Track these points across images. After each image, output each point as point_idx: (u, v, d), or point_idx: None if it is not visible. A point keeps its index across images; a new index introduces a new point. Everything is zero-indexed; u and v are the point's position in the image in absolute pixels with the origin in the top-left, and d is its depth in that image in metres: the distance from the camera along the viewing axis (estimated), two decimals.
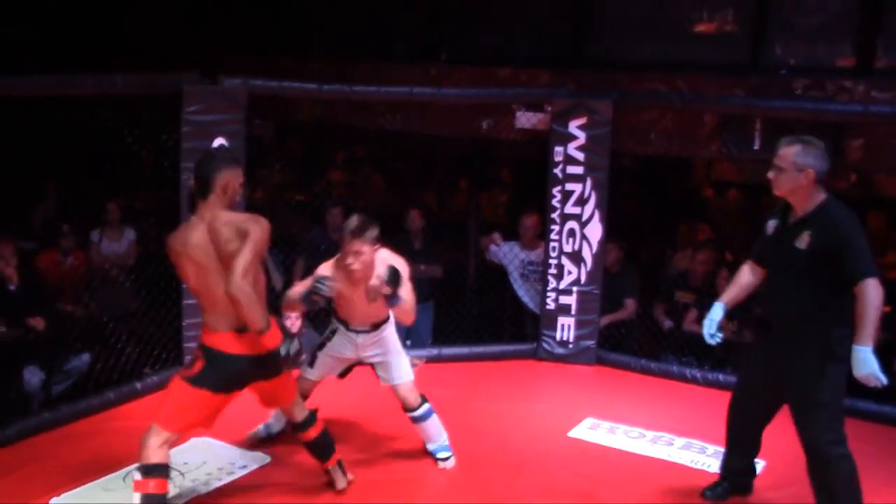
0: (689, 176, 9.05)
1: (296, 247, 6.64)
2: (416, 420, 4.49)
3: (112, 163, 6.30)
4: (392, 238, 6.75)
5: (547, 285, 6.22)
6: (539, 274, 6.38)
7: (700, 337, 6.06)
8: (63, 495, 4.08)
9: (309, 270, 6.58)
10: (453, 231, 7.27)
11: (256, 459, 4.52)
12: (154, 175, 5.85)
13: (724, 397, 5.53)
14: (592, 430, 5.04)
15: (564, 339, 6.19)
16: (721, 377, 5.73)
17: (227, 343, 3.65)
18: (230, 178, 3.66)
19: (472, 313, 6.72)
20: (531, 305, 6.51)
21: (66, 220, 6.75)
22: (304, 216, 7.21)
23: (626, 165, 7.14)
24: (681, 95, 6.60)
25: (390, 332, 4.47)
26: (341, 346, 4.47)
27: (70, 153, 7.41)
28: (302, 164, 8.70)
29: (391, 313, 4.41)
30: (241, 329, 3.62)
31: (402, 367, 4.46)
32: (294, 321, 5.85)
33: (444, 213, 8.20)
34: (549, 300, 6.21)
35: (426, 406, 4.47)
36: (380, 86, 6.38)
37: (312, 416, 4.08)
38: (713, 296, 6.17)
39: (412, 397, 4.45)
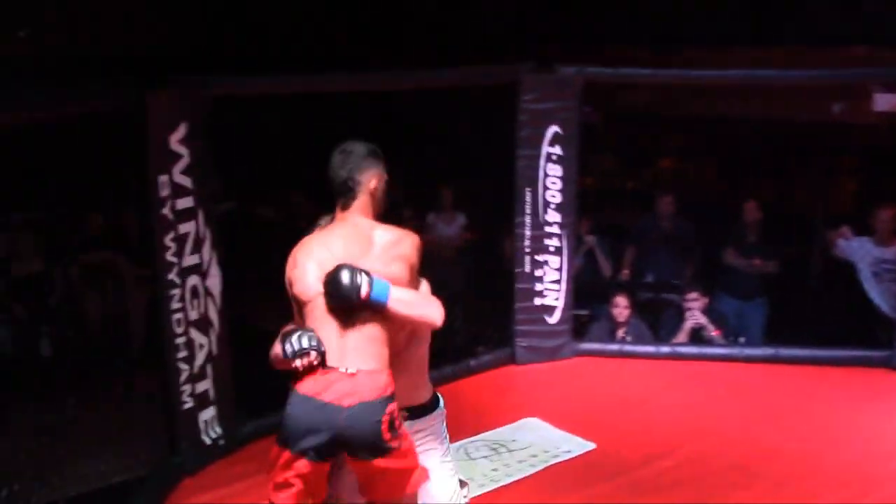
0: None
1: (625, 235, 6.58)
2: None
3: (448, 150, 6.66)
4: (724, 230, 6.51)
5: None
6: (895, 273, 5.75)
7: None
8: None
9: (639, 259, 6.56)
10: (794, 224, 6.78)
11: (581, 446, 4.56)
12: (487, 163, 6.08)
13: None
14: None
15: None
16: None
17: (303, 379, 2.67)
18: (379, 176, 2.83)
19: (815, 313, 6.22)
20: (885, 307, 5.89)
21: (408, 203, 7.25)
22: (634, 204, 7.11)
23: None
24: None
25: (439, 425, 3.01)
26: None
27: (414, 140, 7.94)
28: (632, 151, 8.60)
29: (439, 403, 3.07)
30: (326, 365, 2.64)
31: (443, 485, 2.95)
32: (622, 310, 5.82)
33: (784, 205, 7.67)
34: None
35: None
36: (718, 69, 6.10)
37: None
38: None
39: None
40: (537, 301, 5.76)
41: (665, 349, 5.83)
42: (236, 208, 6.70)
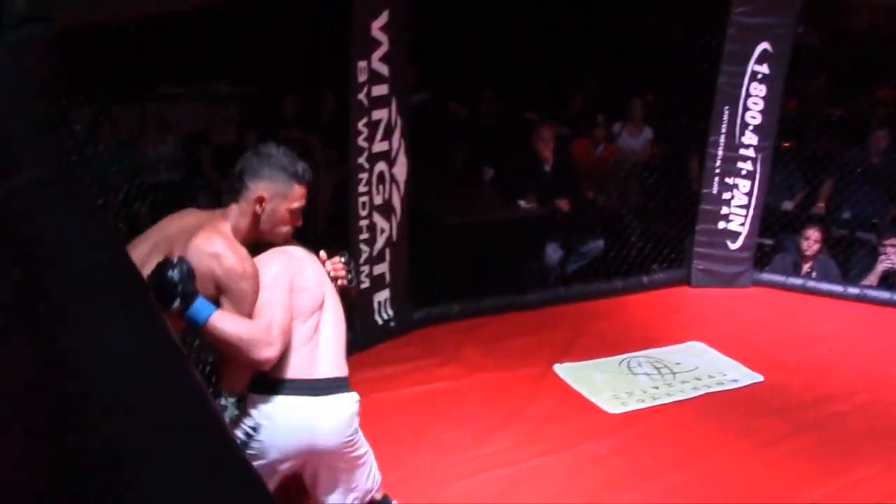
0: None
1: (826, 166, 6.18)
2: None
3: (642, 59, 6.41)
4: None
5: None
6: None
7: None
8: (564, 364, 4.46)
9: (837, 193, 6.14)
10: None
11: (749, 377, 4.44)
12: (690, 77, 5.82)
13: None
14: None
15: None
16: None
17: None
18: (273, 195, 2.47)
19: None
20: None
21: (600, 110, 7.08)
22: (841, 134, 6.62)
23: None
24: None
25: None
26: None
27: (609, 47, 7.68)
28: (846, 76, 7.95)
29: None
30: None
31: None
32: (812, 244, 5.54)
33: None
34: None
35: None
36: None
37: None
38: None
39: None
40: (721, 225, 5.58)
41: (853, 290, 5.51)
42: (429, 101, 6.78)
